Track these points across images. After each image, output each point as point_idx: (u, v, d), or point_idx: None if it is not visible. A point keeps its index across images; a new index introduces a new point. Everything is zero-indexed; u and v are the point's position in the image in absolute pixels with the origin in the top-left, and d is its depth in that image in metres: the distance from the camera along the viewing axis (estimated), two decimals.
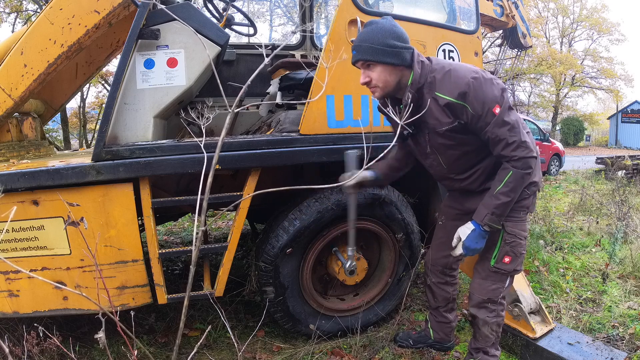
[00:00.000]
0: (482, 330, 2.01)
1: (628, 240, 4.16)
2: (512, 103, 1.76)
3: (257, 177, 2.16)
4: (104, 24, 2.07)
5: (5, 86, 2.06)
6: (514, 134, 1.67)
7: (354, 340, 2.41)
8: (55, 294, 2.03)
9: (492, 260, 1.93)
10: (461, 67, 1.71)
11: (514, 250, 1.91)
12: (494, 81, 1.67)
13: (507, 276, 1.97)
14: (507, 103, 1.67)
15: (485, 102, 1.64)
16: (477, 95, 1.63)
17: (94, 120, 15.75)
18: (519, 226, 1.91)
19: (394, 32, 1.69)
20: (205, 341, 2.45)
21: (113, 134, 2.05)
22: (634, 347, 2.40)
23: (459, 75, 1.66)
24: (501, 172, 1.76)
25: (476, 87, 1.63)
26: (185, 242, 4.53)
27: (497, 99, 1.64)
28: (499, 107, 1.64)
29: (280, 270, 2.30)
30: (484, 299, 1.97)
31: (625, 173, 9.36)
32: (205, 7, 3.09)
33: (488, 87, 1.64)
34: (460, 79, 1.65)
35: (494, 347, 2.05)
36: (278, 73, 3.00)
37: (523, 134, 1.70)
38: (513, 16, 3.45)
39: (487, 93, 1.63)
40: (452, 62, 1.78)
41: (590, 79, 29.29)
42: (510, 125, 1.66)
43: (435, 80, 1.72)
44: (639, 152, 19.23)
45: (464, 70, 1.68)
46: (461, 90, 1.65)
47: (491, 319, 1.98)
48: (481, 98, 1.63)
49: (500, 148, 1.71)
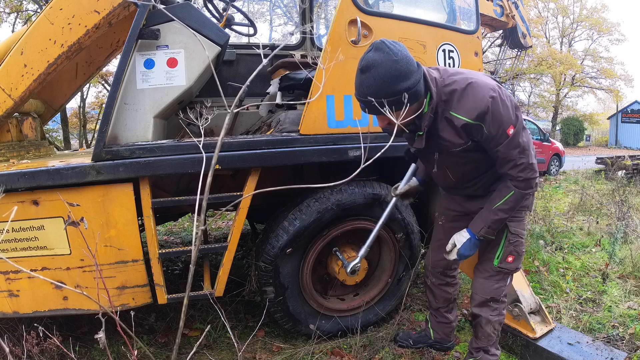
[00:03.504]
0: (484, 329, 2.02)
1: (628, 240, 4.16)
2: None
3: (257, 177, 2.16)
4: (104, 24, 2.07)
5: (5, 86, 2.06)
6: (524, 156, 1.67)
7: (354, 340, 2.41)
8: (55, 294, 2.03)
9: (496, 260, 1.95)
10: (478, 85, 1.60)
11: (517, 250, 1.94)
12: (509, 99, 1.64)
13: (509, 275, 2.00)
14: (520, 123, 1.66)
15: (501, 123, 1.59)
16: (494, 117, 1.58)
17: (94, 120, 15.74)
18: (521, 226, 1.94)
19: (400, 72, 1.49)
20: (205, 341, 2.45)
21: (113, 134, 2.05)
22: (634, 347, 2.40)
23: (478, 94, 1.57)
24: (503, 189, 1.75)
25: (494, 108, 1.57)
26: (185, 242, 4.53)
27: (512, 120, 1.61)
28: (513, 128, 1.61)
29: (280, 270, 2.30)
30: (487, 298, 1.98)
31: (625, 173, 9.35)
32: (205, 7, 3.09)
33: (505, 108, 1.60)
34: (479, 99, 1.57)
35: (494, 346, 2.07)
36: (278, 73, 3.00)
37: (532, 155, 1.70)
38: (513, 16, 3.45)
39: (504, 114, 1.59)
40: (465, 74, 1.65)
41: (590, 79, 29.30)
42: (521, 148, 1.66)
43: (451, 98, 1.63)
44: (639, 152, 19.23)
45: (482, 89, 1.58)
46: (480, 111, 1.57)
47: (494, 318, 2.00)
48: (498, 119, 1.58)
49: (507, 168, 1.70)
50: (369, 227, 2.49)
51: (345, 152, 2.25)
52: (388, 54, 1.49)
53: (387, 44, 1.51)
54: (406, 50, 1.54)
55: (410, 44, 2.40)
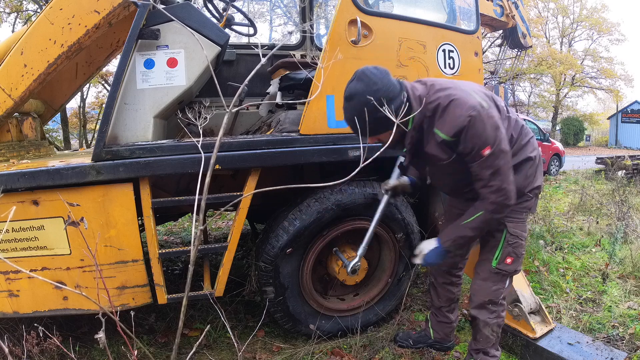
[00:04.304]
0: (483, 332, 2.01)
1: (628, 240, 4.16)
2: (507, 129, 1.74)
3: (257, 177, 2.16)
4: (104, 24, 2.07)
5: (5, 86, 2.06)
6: (496, 179, 1.64)
7: (354, 340, 2.41)
8: (55, 294, 2.03)
9: (494, 261, 1.93)
10: (460, 103, 1.60)
11: (516, 251, 1.92)
12: (491, 120, 1.60)
13: (508, 277, 1.98)
14: (499, 146, 1.61)
15: (475, 143, 1.59)
16: (470, 135, 1.58)
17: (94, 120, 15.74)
18: (521, 227, 1.92)
19: (378, 99, 1.55)
20: (205, 341, 2.45)
21: (113, 134, 2.05)
22: (634, 347, 2.40)
23: (456, 113, 1.58)
24: (475, 207, 1.75)
25: (471, 127, 1.57)
26: (185, 242, 4.53)
27: (489, 141, 1.59)
28: (489, 149, 1.59)
29: (280, 270, 2.30)
30: (485, 300, 1.97)
31: (625, 173, 9.35)
32: (205, 7, 3.09)
33: (483, 128, 1.57)
34: (457, 117, 1.58)
35: (494, 347, 2.05)
36: (278, 73, 3.00)
37: (507, 180, 1.65)
38: (513, 16, 3.45)
39: (481, 134, 1.57)
40: (451, 90, 1.64)
41: (590, 79, 29.29)
42: (495, 170, 1.62)
43: (435, 114, 1.66)
44: (639, 152, 19.23)
45: (462, 107, 1.58)
46: (457, 130, 1.59)
47: (492, 320, 1.98)
48: (473, 138, 1.58)
49: (479, 186, 1.71)
50: (369, 227, 2.48)
51: (345, 152, 2.25)
52: (368, 83, 1.57)
53: (367, 73, 1.60)
54: (387, 76, 1.61)
55: (410, 44, 2.40)
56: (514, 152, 1.80)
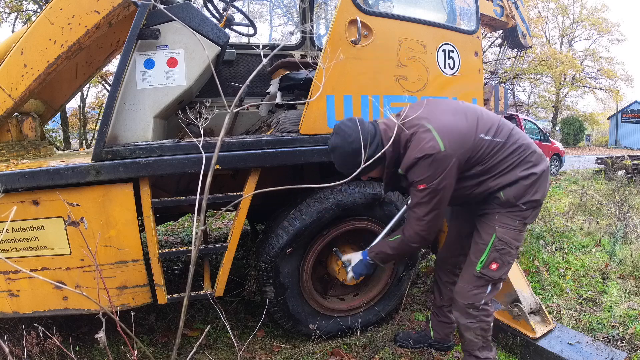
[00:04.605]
0: (465, 335, 1.99)
1: (628, 240, 4.16)
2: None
3: (257, 177, 2.16)
4: (104, 24, 2.07)
5: (5, 86, 2.06)
6: (420, 210, 1.81)
7: (354, 340, 2.41)
8: (55, 294, 2.03)
9: (479, 265, 1.90)
10: (415, 145, 1.75)
11: (503, 258, 1.88)
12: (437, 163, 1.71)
13: (491, 283, 1.93)
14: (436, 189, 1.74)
15: (414, 179, 1.77)
16: (415, 171, 1.76)
17: (94, 120, 15.75)
18: (512, 234, 1.86)
19: (355, 150, 1.76)
20: (205, 341, 2.45)
21: (113, 134, 2.05)
22: (634, 347, 2.40)
23: (410, 155, 1.76)
24: (401, 229, 1.98)
25: (416, 165, 1.74)
26: (185, 242, 4.53)
27: (427, 181, 1.74)
28: (424, 186, 1.75)
29: (280, 270, 2.30)
30: (465, 304, 1.94)
31: (625, 173, 9.35)
32: (205, 7, 3.09)
33: (426, 169, 1.73)
34: (410, 158, 1.76)
35: (485, 350, 2.00)
36: (278, 73, 3.00)
37: (427, 218, 1.81)
38: (513, 16, 3.45)
39: (423, 173, 1.74)
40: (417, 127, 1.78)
41: (590, 79, 29.30)
42: (423, 203, 1.79)
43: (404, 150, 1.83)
44: (639, 152, 19.23)
45: (414, 150, 1.75)
46: (406, 167, 1.79)
47: (473, 325, 1.94)
48: (413, 175, 1.77)
49: (408, 213, 1.91)
50: (368, 227, 2.49)
51: None
52: (344, 137, 1.79)
53: (342, 127, 1.82)
54: (361, 126, 1.80)
55: (410, 44, 2.40)
56: (507, 169, 1.82)
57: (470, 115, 1.83)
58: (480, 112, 1.88)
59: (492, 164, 1.82)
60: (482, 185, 1.85)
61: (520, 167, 1.83)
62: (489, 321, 1.97)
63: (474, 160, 1.80)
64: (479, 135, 1.79)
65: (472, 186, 1.86)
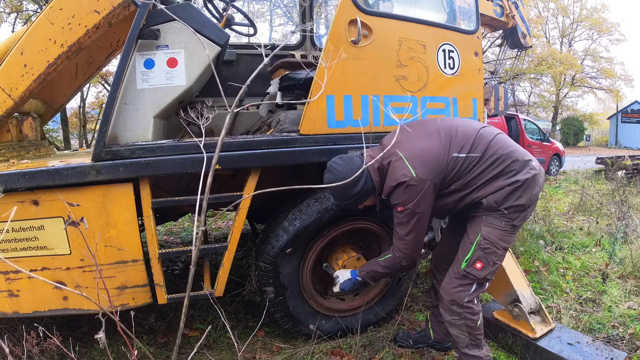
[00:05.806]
0: (451, 332, 2.02)
1: (628, 240, 4.16)
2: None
3: (257, 177, 2.16)
4: (104, 24, 2.07)
5: (5, 86, 2.06)
6: (401, 230, 1.91)
7: (354, 340, 2.41)
8: (55, 294, 2.03)
9: (464, 262, 1.92)
10: (392, 172, 1.86)
11: (487, 258, 1.88)
12: (411, 187, 1.80)
13: (476, 282, 1.93)
14: (413, 211, 1.84)
15: (394, 203, 1.89)
16: (392, 197, 1.89)
17: (94, 120, 15.76)
18: (498, 234, 1.87)
19: (346, 186, 1.87)
20: (205, 341, 2.45)
21: (113, 134, 2.05)
22: (634, 347, 2.40)
23: (387, 183, 1.89)
24: (390, 248, 2.04)
25: (393, 193, 1.86)
26: (185, 242, 4.53)
27: (404, 203, 1.85)
28: (401, 208, 1.86)
29: (280, 270, 2.30)
30: (448, 300, 1.96)
31: (625, 173, 9.36)
32: (205, 7, 3.09)
33: (402, 194, 1.83)
34: (387, 187, 1.89)
35: (474, 347, 2.00)
36: (278, 73, 3.00)
37: (408, 239, 1.91)
38: (513, 16, 3.45)
39: (400, 197, 1.85)
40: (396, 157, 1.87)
41: (590, 79, 29.30)
42: (403, 223, 1.89)
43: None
44: (639, 152, 19.23)
45: (392, 178, 1.85)
46: (386, 194, 1.92)
47: (457, 321, 1.96)
48: (393, 199, 1.89)
49: (393, 234, 2.00)
50: (369, 227, 2.49)
51: (345, 152, 2.24)
52: (335, 173, 1.92)
53: (334, 165, 1.96)
54: (351, 163, 1.93)
55: (410, 44, 2.40)
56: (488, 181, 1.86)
57: (444, 134, 1.89)
58: (456, 129, 1.91)
59: (470, 178, 1.87)
60: (464, 199, 1.91)
61: (501, 177, 1.85)
62: (474, 319, 1.96)
63: (450, 178, 1.86)
64: (452, 154, 1.85)
65: (454, 201, 1.93)
